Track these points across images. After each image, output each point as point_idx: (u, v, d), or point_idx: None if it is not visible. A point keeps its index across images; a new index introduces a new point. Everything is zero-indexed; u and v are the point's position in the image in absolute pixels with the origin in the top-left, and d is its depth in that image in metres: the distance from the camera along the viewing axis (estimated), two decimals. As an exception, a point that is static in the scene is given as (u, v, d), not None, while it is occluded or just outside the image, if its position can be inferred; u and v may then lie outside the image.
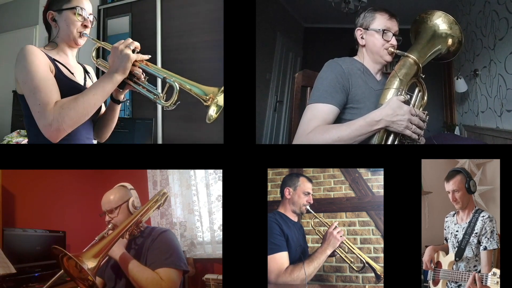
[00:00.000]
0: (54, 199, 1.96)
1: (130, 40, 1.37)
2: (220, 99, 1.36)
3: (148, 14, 2.77)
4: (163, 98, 1.37)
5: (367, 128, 1.40)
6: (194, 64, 2.51)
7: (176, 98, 1.33)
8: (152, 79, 1.42)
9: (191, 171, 2.22)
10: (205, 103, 1.34)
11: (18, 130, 2.55)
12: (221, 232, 1.56)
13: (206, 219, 2.19)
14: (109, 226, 1.49)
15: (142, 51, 1.41)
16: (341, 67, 1.52)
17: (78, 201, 2.03)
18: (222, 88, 1.35)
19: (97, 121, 1.57)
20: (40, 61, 1.32)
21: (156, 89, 1.41)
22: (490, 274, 1.38)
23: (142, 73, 1.41)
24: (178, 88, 1.33)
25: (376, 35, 1.55)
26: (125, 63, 1.34)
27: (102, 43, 1.51)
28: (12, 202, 1.79)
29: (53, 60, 1.38)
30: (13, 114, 2.83)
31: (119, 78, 1.35)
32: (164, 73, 1.38)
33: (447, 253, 1.53)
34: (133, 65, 1.37)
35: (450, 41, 1.53)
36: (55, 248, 1.27)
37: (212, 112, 1.35)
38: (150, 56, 1.41)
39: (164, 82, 1.37)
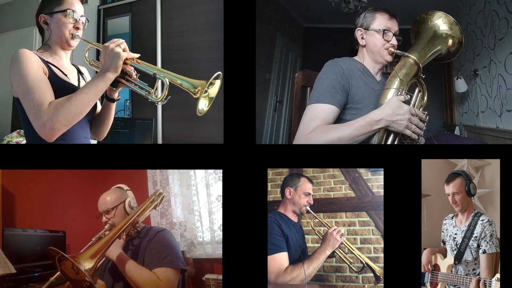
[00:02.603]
0: (54, 199, 1.96)
1: (121, 40, 1.39)
2: (212, 91, 1.37)
3: (148, 14, 2.76)
4: (155, 94, 1.39)
5: (367, 128, 1.40)
6: (194, 64, 2.50)
7: (166, 93, 1.35)
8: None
9: (191, 171, 2.22)
10: (194, 96, 1.35)
11: (18, 130, 2.54)
12: (221, 232, 1.56)
13: (206, 219, 2.19)
14: (106, 226, 1.49)
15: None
16: (341, 67, 1.51)
17: (78, 201, 2.03)
18: (210, 80, 1.35)
19: (94, 120, 1.57)
20: (33, 63, 1.34)
21: (148, 85, 1.42)
22: (494, 279, 1.37)
23: (134, 71, 1.43)
24: (168, 83, 1.34)
25: (377, 35, 1.54)
26: (116, 62, 1.36)
27: (94, 43, 1.53)
28: (12, 202, 1.79)
29: (46, 63, 1.40)
30: (13, 114, 2.82)
31: (111, 76, 1.37)
32: (154, 69, 1.40)
33: (444, 255, 1.53)
34: (125, 63, 1.39)
35: (450, 41, 1.53)
36: (52, 249, 1.26)
37: (203, 105, 1.36)
38: (139, 54, 1.43)
39: (155, 78, 1.39)
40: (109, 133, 1.64)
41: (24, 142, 2.38)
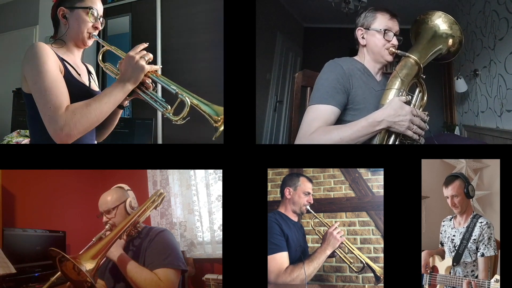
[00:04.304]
0: (54, 199, 1.96)
1: (144, 50, 1.36)
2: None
3: (148, 14, 2.77)
4: (172, 111, 1.36)
5: (369, 129, 1.40)
6: (194, 64, 2.51)
7: (186, 113, 1.32)
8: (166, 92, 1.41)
9: (191, 171, 2.22)
10: (215, 124, 1.32)
11: (18, 130, 2.55)
12: (221, 232, 1.56)
13: (206, 219, 2.19)
14: (107, 227, 1.49)
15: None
16: (342, 68, 1.51)
17: (78, 201, 2.03)
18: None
19: None
20: (51, 61, 1.30)
21: (165, 101, 1.39)
22: (493, 280, 1.37)
23: (152, 83, 1.40)
24: (189, 103, 1.32)
25: (377, 35, 1.54)
26: (138, 74, 1.34)
27: (113, 47, 1.48)
28: (12, 202, 1.79)
29: (62, 60, 1.36)
30: (13, 114, 2.82)
31: (130, 87, 1.35)
32: (176, 88, 1.36)
33: (442, 257, 1.53)
34: (145, 75, 1.37)
35: (450, 41, 1.52)
36: (52, 250, 1.25)
37: (219, 130, 1.34)
38: (161, 66, 1.40)
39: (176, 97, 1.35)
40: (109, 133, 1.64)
41: (24, 142, 2.38)
